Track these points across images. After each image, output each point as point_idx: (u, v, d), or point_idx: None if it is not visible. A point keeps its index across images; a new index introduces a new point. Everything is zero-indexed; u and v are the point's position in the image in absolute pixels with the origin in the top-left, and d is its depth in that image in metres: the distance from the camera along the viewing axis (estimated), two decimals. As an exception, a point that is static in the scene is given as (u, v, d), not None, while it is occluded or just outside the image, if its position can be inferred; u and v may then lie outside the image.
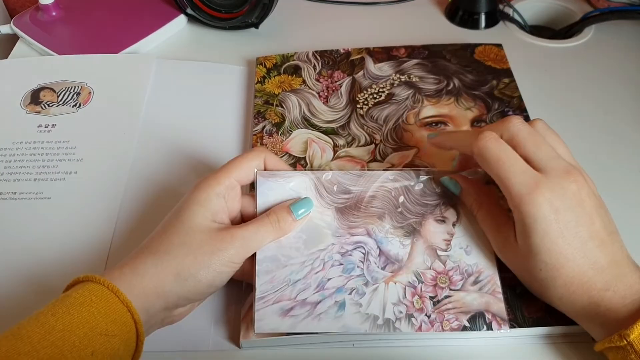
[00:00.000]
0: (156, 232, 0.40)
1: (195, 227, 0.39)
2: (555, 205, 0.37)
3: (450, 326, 0.40)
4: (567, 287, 0.38)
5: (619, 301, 0.37)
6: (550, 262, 0.37)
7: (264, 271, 0.41)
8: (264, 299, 0.40)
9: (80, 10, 0.70)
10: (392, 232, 0.43)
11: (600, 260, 0.38)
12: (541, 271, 0.38)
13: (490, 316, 0.40)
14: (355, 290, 0.41)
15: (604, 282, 0.37)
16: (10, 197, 0.50)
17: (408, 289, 0.41)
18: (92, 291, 0.35)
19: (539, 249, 0.37)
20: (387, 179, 0.45)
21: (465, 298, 0.41)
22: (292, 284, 0.41)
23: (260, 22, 0.66)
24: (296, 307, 0.40)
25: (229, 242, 0.39)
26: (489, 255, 0.42)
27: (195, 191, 0.40)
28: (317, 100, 0.58)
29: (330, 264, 0.42)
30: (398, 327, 0.40)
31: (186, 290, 0.37)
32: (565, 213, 0.37)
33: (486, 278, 0.41)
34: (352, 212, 0.44)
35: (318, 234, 0.43)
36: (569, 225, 0.37)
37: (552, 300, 0.39)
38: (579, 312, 0.38)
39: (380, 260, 0.42)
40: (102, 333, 0.33)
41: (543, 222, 0.37)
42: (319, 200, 0.44)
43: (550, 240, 0.37)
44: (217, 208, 0.40)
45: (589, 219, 0.38)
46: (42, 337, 0.32)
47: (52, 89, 0.59)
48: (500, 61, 0.60)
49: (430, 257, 0.42)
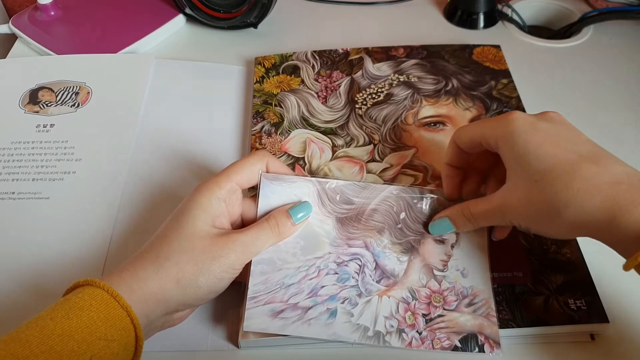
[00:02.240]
0: (156, 236, 0.39)
1: (196, 234, 0.38)
2: (530, 120, 0.37)
3: (441, 345, 0.39)
4: (571, 189, 0.34)
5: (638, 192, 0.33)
6: (541, 166, 0.35)
7: (259, 272, 0.41)
8: (255, 298, 0.40)
9: (79, 10, 0.70)
10: (390, 248, 0.43)
11: (594, 154, 0.35)
12: (537, 184, 0.35)
13: (483, 338, 0.39)
14: (348, 300, 0.41)
15: (610, 175, 0.34)
16: (8, 197, 0.50)
17: (401, 304, 0.41)
18: (92, 295, 0.34)
19: (526, 159, 0.36)
20: (391, 193, 0.45)
21: (458, 319, 0.40)
22: (285, 287, 0.41)
23: (259, 21, 0.66)
24: (287, 309, 0.40)
25: (230, 249, 0.38)
26: (486, 280, 0.42)
27: (196, 195, 0.40)
28: (315, 100, 0.58)
29: (325, 271, 0.42)
30: (388, 341, 0.39)
31: (186, 296, 0.37)
32: (544, 125, 0.37)
33: (481, 301, 0.41)
34: (352, 224, 0.43)
35: (316, 242, 0.43)
36: (550, 132, 0.36)
37: (564, 220, 0.35)
38: (598, 221, 0.33)
39: (376, 274, 0.42)
40: (102, 337, 0.33)
41: (521, 134, 0.36)
42: (320, 208, 0.44)
43: (533, 144, 0.36)
44: (218, 212, 0.40)
45: (574, 132, 0.37)
46: (41, 342, 0.32)
47: (51, 88, 0.59)
48: (498, 62, 0.61)
49: (426, 275, 0.42)
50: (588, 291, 0.42)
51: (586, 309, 0.41)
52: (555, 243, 0.45)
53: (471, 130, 0.41)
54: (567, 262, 0.44)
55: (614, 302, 0.42)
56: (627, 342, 0.41)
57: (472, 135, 0.41)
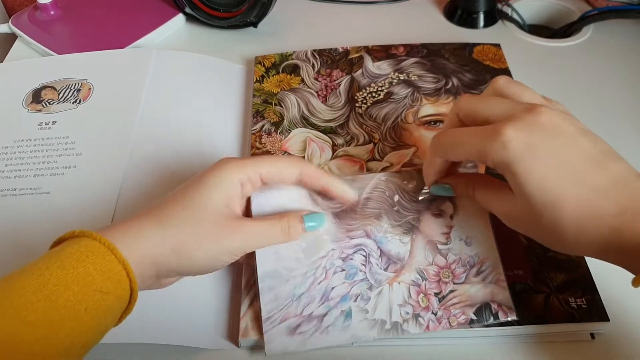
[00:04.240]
0: (168, 199, 0.38)
1: (209, 208, 0.37)
2: (525, 140, 0.34)
3: (457, 321, 0.39)
4: (577, 223, 0.33)
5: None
6: (546, 200, 0.34)
7: (267, 288, 0.41)
8: (270, 319, 0.40)
9: (78, 9, 0.70)
10: (391, 231, 0.43)
11: (599, 181, 0.33)
12: (543, 216, 0.34)
13: (496, 306, 0.40)
14: (360, 296, 0.41)
15: (616, 205, 0.33)
16: (10, 194, 0.50)
17: (412, 287, 0.41)
18: (88, 247, 0.34)
19: (530, 191, 0.34)
20: (380, 180, 0.45)
21: (469, 290, 0.40)
22: (296, 299, 0.40)
23: (259, 21, 0.66)
24: (303, 323, 0.40)
25: (236, 235, 0.38)
26: (490, 243, 0.42)
27: (218, 170, 0.39)
28: (315, 99, 0.58)
29: (332, 270, 0.41)
30: (406, 329, 0.39)
31: (181, 267, 0.37)
32: (540, 144, 0.34)
33: (488, 268, 0.41)
34: (349, 215, 0.43)
35: (317, 241, 0.42)
36: (549, 156, 0.34)
37: (570, 246, 0.35)
38: (604, 248, 0.34)
39: (382, 261, 0.42)
40: (97, 290, 0.33)
41: (519, 162, 0.34)
42: (315, 207, 0.43)
43: (535, 177, 0.34)
44: (234, 194, 0.39)
45: (571, 141, 0.34)
46: (37, 289, 0.31)
47: (53, 87, 0.59)
48: (498, 61, 0.61)
49: (431, 252, 0.42)
50: (589, 290, 0.42)
51: (587, 308, 0.41)
52: (556, 241, 0.45)
53: (460, 148, 0.38)
54: (568, 261, 0.44)
55: (615, 301, 0.42)
56: (627, 341, 0.41)
57: (462, 154, 0.38)
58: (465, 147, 0.37)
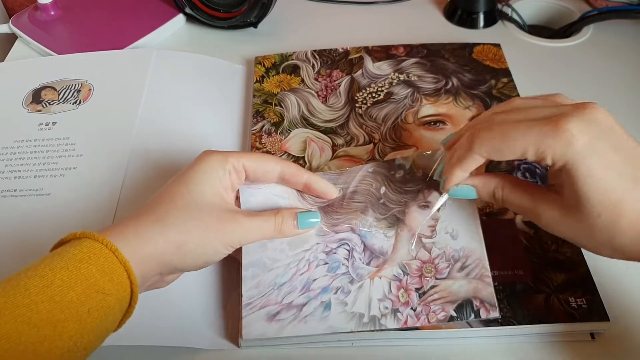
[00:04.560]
0: (161, 197, 0.39)
1: (206, 205, 0.38)
2: (587, 137, 0.32)
3: (436, 318, 0.39)
4: (635, 225, 0.32)
5: None
6: (606, 202, 0.32)
7: (250, 276, 0.41)
8: (250, 305, 0.40)
9: (78, 9, 0.70)
10: (376, 225, 0.43)
11: None
12: (600, 216, 0.33)
13: (478, 303, 0.39)
14: (341, 289, 0.41)
15: None
16: (10, 195, 0.50)
17: (393, 282, 0.41)
18: (91, 249, 0.34)
19: (589, 192, 0.33)
20: (367, 172, 0.45)
21: (452, 286, 0.40)
22: (277, 288, 0.41)
23: (259, 21, 0.66)
24: (282, 311, 0.40)
25: (234, 228, 0.38)
26: (477, 237, 0.41)
27: (203, 163, 0.39)
28: (315, 100, 0.58)
29: (315, 263, 0.42)
30: (384, 324, 0.39)
31: (184, 263, 0.37)
32: (600, 143, 0.33)
33: (474, 262, 0.40)
34: (335, 210, 0.43)
35: (303, 235, 0.42)
36: (610, 155, 0.33)
37: (624, 250, 0.34)
38: None
39: (365, 256, 0.42)
40: (99, 291, 0.33)
41: (584, 160, 0.32)
42: (302, 202, 0.43)
43: (597, 177, 0.32)
44: (226, 185, 0.40)
45: (625, 140, 0.33)
46: (41, 291, 0.31)
47: (54, 87, 0.59)
48: (498, 61, 0.61)
49: (415, 246, 0.41)
50: (589, 290, 0.42)
51: (587, 308, 0.41)
52: (556, 242, 0.45)
53: (511, 144, 0.35)
54: (568, 261, 0.44)
55: (615, 300, 0.42)
56: (627, 340, 0.41)
57: (513, 152, 0.35)
58: (518, 144, 0.34)
